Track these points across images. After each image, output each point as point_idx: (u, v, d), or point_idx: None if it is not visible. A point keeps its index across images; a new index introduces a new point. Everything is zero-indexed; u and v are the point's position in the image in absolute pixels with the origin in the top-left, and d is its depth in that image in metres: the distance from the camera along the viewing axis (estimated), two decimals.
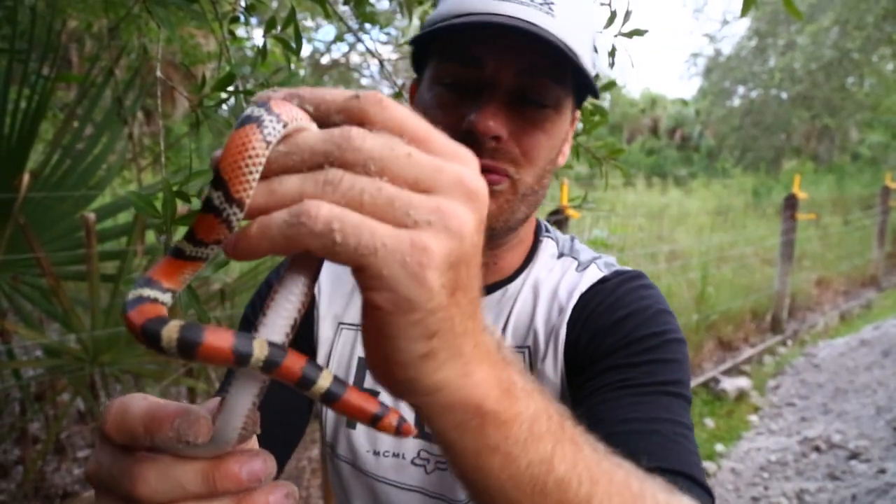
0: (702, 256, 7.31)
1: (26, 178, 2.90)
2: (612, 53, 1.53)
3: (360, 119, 0.42)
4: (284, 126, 0.41)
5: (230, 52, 1.56)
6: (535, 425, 0.48)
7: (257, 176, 0.40)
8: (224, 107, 1.47)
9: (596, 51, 1.03)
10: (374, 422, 0.46)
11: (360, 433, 1.01)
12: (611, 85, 1.61)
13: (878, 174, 15.72)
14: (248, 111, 0.41)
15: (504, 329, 0.99)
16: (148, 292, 0.43)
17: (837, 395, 5.16)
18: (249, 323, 1.05)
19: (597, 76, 1.01)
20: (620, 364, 0.86)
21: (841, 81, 20.46)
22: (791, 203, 7.16)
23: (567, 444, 0.50)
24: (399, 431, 0.46)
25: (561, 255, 1.04)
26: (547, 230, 1.09)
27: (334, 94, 0.43)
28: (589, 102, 1.57)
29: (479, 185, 0.43)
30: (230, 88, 1.33)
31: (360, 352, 1.01)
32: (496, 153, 0.87)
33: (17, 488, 3.26)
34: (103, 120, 3.60)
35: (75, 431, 3.93)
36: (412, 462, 0.99)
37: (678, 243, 7.71)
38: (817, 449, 4.25)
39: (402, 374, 0.43)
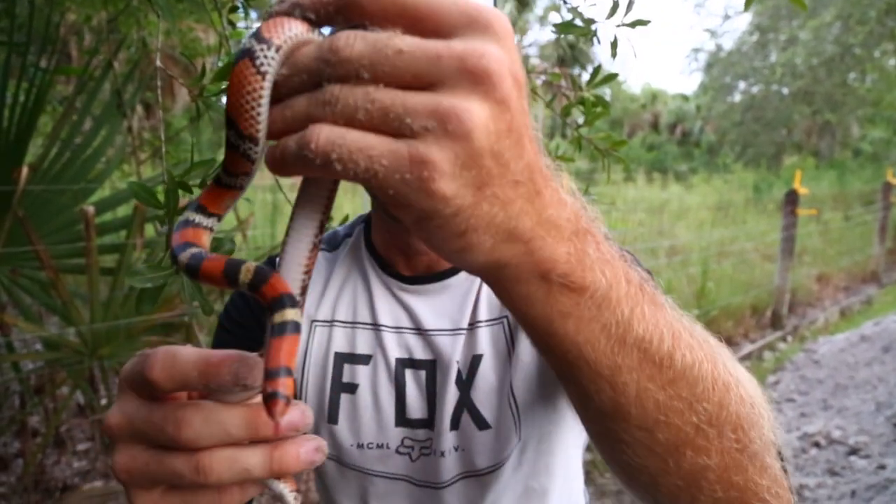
0: (702, 252, 7.31)
1: (25, 171, 2.89)
2: (614, 45, 1.52)
3: (357, 16, 0.40)
4: (278, 50, 0.40)
5: (230, 43, 1.55)
6: (611, 291, 0.48)
7: (261, 108, 0.41)
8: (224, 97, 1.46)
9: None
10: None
11: (343, 427, 1.00)
12: (611, 77, 1.60)
13: (880, 170, 15.71)
14: (242, 43, 0.41)
15: (476, 305, 0.99)
16: (193, 216, 0.49)
17: (837, 391, 5.16)
18: (225, 329, 1.07)
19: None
20: None
21: (843, 77, 20.42)
22: (792, 199, 7.15)
23: (647, 306, 0.50)
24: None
25: None
26: None
27: None
28: (590, 94, 1.56)
29: (488, 61, 0.38)
30: None
31: (336, 348, 1.00)
32: None
33: (16, 481, 3.26)
34: (102, 113, 3.59)
35: (75, 424, 3.93)
36: (396, 451, 0.98)
37: (678, 238, 7.71)
38: (817, 445, 4.25)
39: (452, 261, 0.45)
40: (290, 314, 0.42)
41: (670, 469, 0.53)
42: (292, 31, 0.41)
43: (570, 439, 1.03)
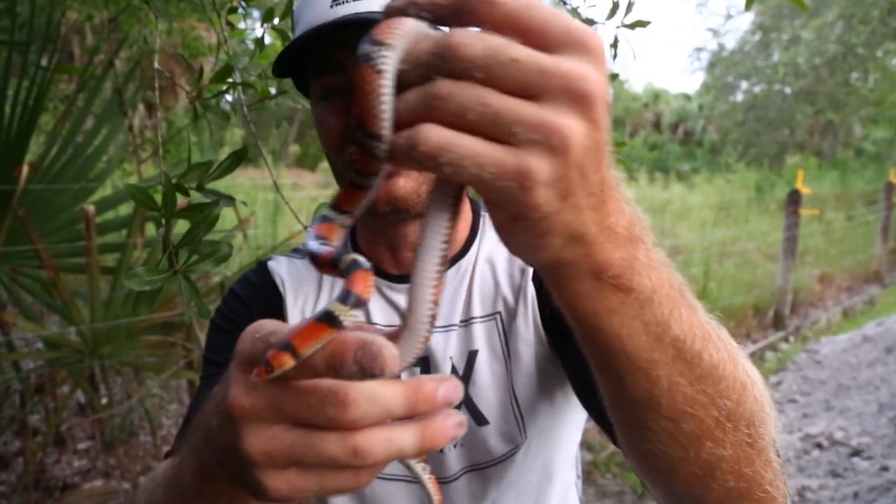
0: (704, 252, 7.30)
1: (25, 169, 2.89)
2: (614, 45, 1.51)
3: (472, 20, 0.41)
4: (391, 49, 0.42)
5: (229, 44, 1.54)
6: (654, 294, 0.52)
7: (385, 107, 0.42)
8: (224, 99, 1.45)
9: None
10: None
11: None
12: (612, 77, 1.59)
13: (882, 170, 15.68)
14: (359, 48, 0.43)
15: (469, 301, 1.02)
16: (328, 212, 0.53)
17: (840, 392, 5.15)
18: (220, 329, 1.06)
19: None
20: None
21: (845, 76, 20.38)
22: (794, 198, 7.14)
23: (683, 308, 0.55)
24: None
25: None
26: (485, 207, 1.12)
27: None
28: None
29: (588, 82, 0.40)
30: (229, 80, 1.32)
31: None
32: None
33: (17, 480, 3.26)
34: (103, 112, 3.59)
35: (75, 423, 3.93)
36: None
37: (680, 238, 7.69)
38: (819, 446, 4.24)
39: (519, 254, 0.49)
40: (331, 306, 0.44)
41: (690, 458, 0.57)
42: (411, 28, 0.42)
43: (569, 434, 1.09)
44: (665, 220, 8.28)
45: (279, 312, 1.05)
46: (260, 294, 1.06)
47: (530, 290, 1.00)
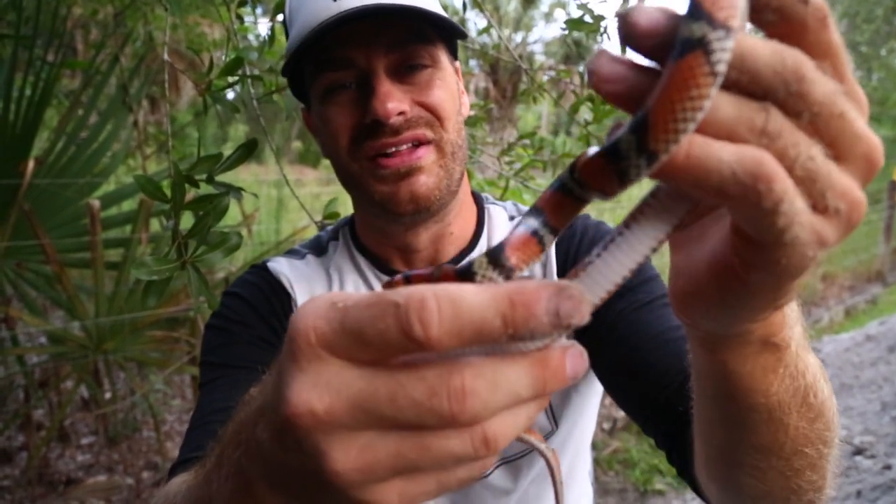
0: None
1: (31, 164, 2.89)
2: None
3: (799, 33, 0.35)
4: (733, 39, 0.31)
5: (239, 39, 1.54)
6: (798, 346, 0.51)
7: (693, 127, 0.32)
8: (231, 92, 1.46)
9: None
10: None
11: None
12: None
13: (886, 169, 15.61)
14: (686, 29, 0.31)
15: None
16: (531, 221, 0.41)
17: (842, 391, 5.14)
18: (221, 330, 1.02)
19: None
20: (622, 293, 0.91)
21: None
22: None
23: (807, 351, 0.54)
24: None
25: (513, 218, 1.09)
26: (489, 199, 1.13)
27: None
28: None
29: (880, 154, 0.37)
30: (238, 73, 1.32)
31: None
32: (409, 125, 0.91)
33: (21, 474, 3.27)
34: (108, 107, 3.60)
35: (79, 418, 3.94)
36: None
37: None
38: None
39: (745, 308, 0.43)
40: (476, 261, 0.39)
41: (789, 486, 0.58)
42: (739, 7, 0.31)
43: (590, 422, 1.11)
44: None
45: (289, 312, 1.01)
46: (265, 294, 1.02)
47: (553, 275, 1.00)
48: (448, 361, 0.34)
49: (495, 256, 0.38)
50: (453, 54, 1.02)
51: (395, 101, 0.88)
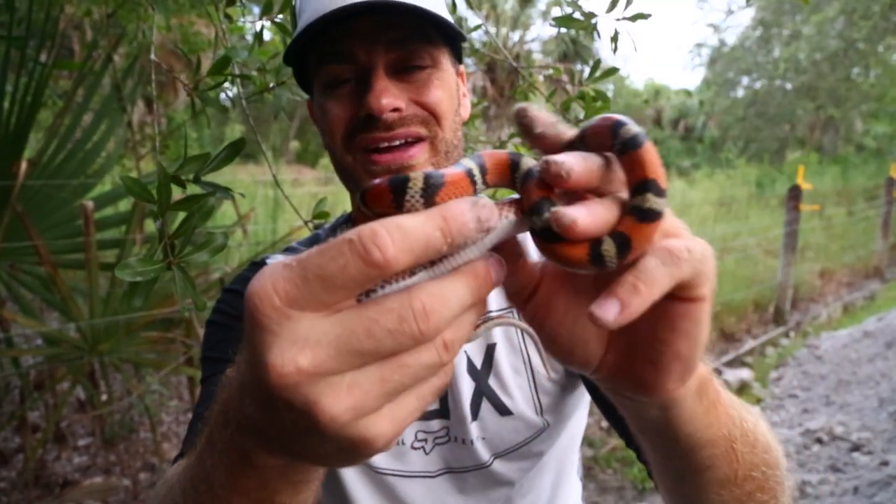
0: None
1: (24, 165, 2.88)
2: (614, 38, 1.50)
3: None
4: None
5: (228, 39, 1.53)
6: (714, 380, 0.59)
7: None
8: (224, 93, 1.44)
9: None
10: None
11: None
12: (612, 71, 1.58)
13: (883, 165, 15.66)
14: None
15: None
16: (469, 163, 0.47)
17: (840, 387, 5.15)
18: (221, 325, 1.04)
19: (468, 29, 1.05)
20: None
21: (846, 72, 20.35)
22: (795, 194, 7.12)
23: (721, 385, 0.62)
24: None
25: None
26: None
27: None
28: (590, 88, 1.54)
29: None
30: (227, 73, 1.31)
31: None
32: (403, 122, 0.92)
33: (17, 476, 3.26)
34: (102, 107, 3.58)
35: (75, 420, 3.93)
36: (412, 447, 1.00)
37: None
38: (819, 441, 4.24)
39: (695, 364, 0.51)
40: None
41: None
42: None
43: (581, 424, 1.14)
44: None
45: None
46: None
47: None
48: (401, 291, 0.40)
49: (429, 182, 0.43)
50: (457, 57, 1.04)
51: (389, 98, 0.90)
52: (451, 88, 0.99)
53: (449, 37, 0.98)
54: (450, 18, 0.96)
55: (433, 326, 0.39)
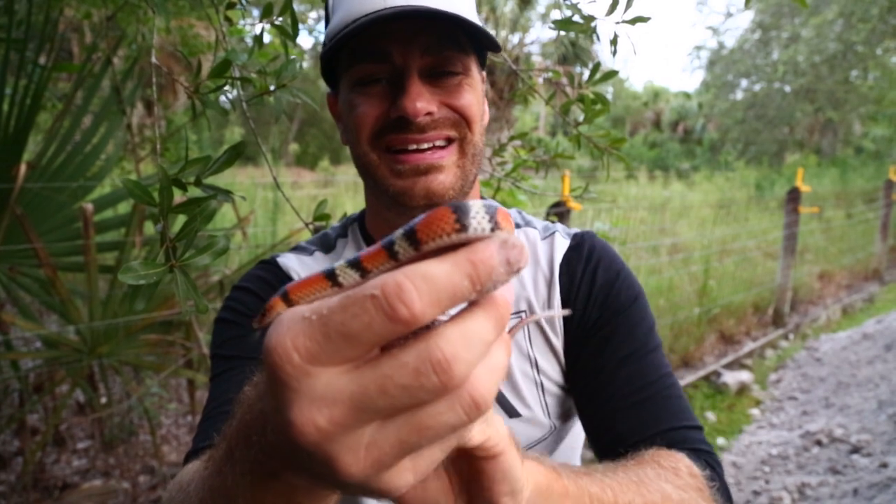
0: (704, 250, 7.28)
1: (23, 168, 2.88)
2: (614, 41, 1.50)
3: None
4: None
5: (228, 41, 1.53)
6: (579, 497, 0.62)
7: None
8: (224, 96, 1.45)
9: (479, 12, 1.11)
10: None
11: None
12: (612, 74, 1.58)
13: (882, 167, 15.69)
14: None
15: None
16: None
17: (839, 389, 5.15)
18: (231, 323, 1.05)
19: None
20: (608, 336, 1.00)
21: (845, 74, 20.38)
22: (794, 196, 7.13)
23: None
24: None
25: (518, 226, 1.11)
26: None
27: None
28: (590, 91, 1.55)
29: None
30: (227, 76, 1.31)
31: None
32: (434, 125, 0.95)
33: (16, 479, 3.26)
34: (101, 110, 3.58)
35: (74, 423, 3.93)
36: None
37: (680, 236, 7.68)
38: (819, 443, 4.24)
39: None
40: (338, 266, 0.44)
41: None
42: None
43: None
44: (665, 218, 8.26)
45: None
46: (274, 288, 1.04)
47: (556, 303, 1.03)
48: (415, 340, 0.37)
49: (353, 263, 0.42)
50: (482, 64, 1.06)
51: (424, 101, 0.92)
52: (479, 94, 1.01)
53: (477, 44, 1.00)
54: (481, 24, 0.97)
55: (458, 376, 0.37)
